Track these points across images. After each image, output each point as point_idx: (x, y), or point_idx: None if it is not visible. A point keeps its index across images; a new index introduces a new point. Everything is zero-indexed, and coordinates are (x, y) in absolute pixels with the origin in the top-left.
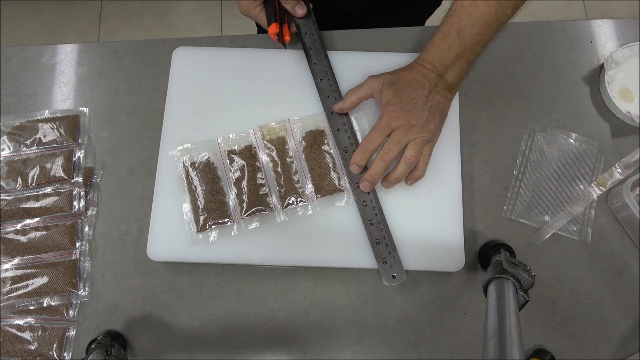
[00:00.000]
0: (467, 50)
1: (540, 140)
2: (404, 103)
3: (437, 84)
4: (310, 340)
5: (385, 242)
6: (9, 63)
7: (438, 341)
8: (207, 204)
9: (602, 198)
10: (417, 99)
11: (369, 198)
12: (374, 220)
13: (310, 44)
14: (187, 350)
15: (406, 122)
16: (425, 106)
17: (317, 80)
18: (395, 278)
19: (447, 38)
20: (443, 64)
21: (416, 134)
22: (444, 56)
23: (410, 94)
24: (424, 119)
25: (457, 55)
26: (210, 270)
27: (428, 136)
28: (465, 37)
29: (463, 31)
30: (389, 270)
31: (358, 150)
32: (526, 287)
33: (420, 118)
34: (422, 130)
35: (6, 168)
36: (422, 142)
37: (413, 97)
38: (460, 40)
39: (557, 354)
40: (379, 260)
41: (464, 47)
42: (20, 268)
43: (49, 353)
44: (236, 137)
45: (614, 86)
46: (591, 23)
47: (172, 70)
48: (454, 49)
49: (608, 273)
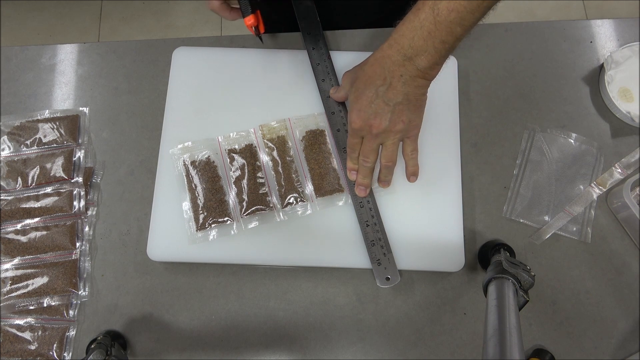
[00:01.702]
0: (442, 28)
1: (540, 140)
2: (363, 110)
3: (403, 73)
4: (310, 340)
5: (380, 243)
6: (9, 63)
7: (438, 341)
8: (207, 202)
9: (602, 198)
10: (377, 100)
11: (365, 199)
12: (370, 221)
13: (313, 45)
14: (187, 350)
15: (369, 132)
16: (387, 107)
17: (319, 80)
18: (389, 280)
19: (419, 13)
20: (413, 44)
21: (384, 138)
22: (415, 34)
23: (368, 97)
24: (387, 122)
25: (430, 32)
26: (210, 270)
27: (399, 136)
28: (441, 13)
29: (438, 5)
30: (383, 272)
31: (348, 159)
32: (526, 287)
33: (383, 123)
34: (390, 133)
35: (6, 168)
36: (393, 144)
37: (372, 100)
38: (435, 16)
39: (557, 354)
40: (374, 262)
41: (438, 24)
42: (21, 268)
43: (49, 353)
44: (236, 136)
45: (614, 86)
46: (591, 23)
47: (172, 70)
48: (427, 25)
49: (608, 273)
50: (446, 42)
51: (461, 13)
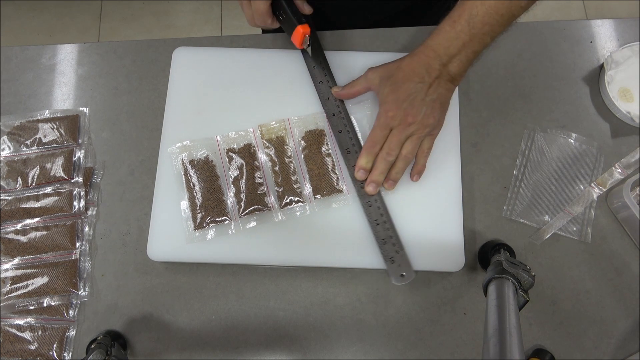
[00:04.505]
0: (476, 40)
1: (540, 140)
2: (400, 100)
3: (439, 75)
4: (310, 340)
5: (392, 241)
6: (9, 63)
7: (438, 341)
8: (204, 201)
9: (602, 198)
10: (416, 94)
11: (373, 198)
12: (379, 220)
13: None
14: (187, 350)
15: (403, 121)
16: (424, 101)
17: (317, 82)
18: (404, 277)
19: (456, 25)
20: (448, 52)
21: (414, 130)
22: (451, 44)
23: (407, 89)
24: (422, 115)
25: (464, 44)
26: (210, 270)
27: (427, 131)
28: (475, 26)
29: (474, 19)
30: (398, 269)
31: (362, 154)
32: (526, 287)
33: (418, 115)
34: (420, 126)
35: (6, 168)
36: (419, 138)
37: (410, 92)
38: (470, 29)
39: (557, 354)
40: (387, 260)
41: (473, 36)
42: (20, 268)
43: (49, 353)
44: (235, 136)
45: (614, 86)
46: (591, 23)
47: (172, 70)
48: (462, 37)
49: (608, 273)
50: (477, 52)
51: (493, 26)
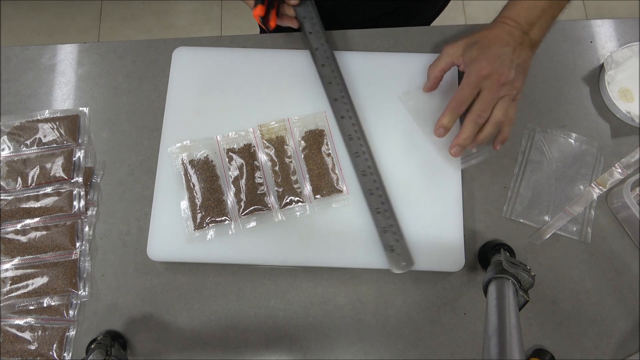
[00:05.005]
0: (554, 5)
1: (540, 140)
2: (491, 60)
3: (522, 42)
4: (310, 340)
5: (392, 230)
6: (9, 63)
7: (438, 341)
8: (204, 201)
9: (602, 198)
10: (504, 55)
11: (375, 186)
12: (380, 208)
13: (310, 28)
14: (187, 350)
15: (496, 80)
16: (513, 63)
17: (319, 66)
18: (404, 265)
19: None
20: (528, 20)
21: (505, 92)
22: (529, 13)
23: (496, 51)
24: (512, 76)
25: (543, 10)
26: (210, 270)
27: (514, 93)
28: None
29: None
30: (397, 257)
31: (446, 113)
32: (526, 287)
33: (509, 75)
34: (511, 88)
35: (6, 168)
36: (509, 100)
37: (500, 54)
38: None
39: (557, 354)
40: (387, 249)
41: (552, 2)
42: (20, 268)
43: (49, 353)
44: (235, 136)
45: (614, 86)
46: (591, 23)
47: (172, 70)
48: (540, 4)
49: (608, 273)
50: (555, 16)
51: None
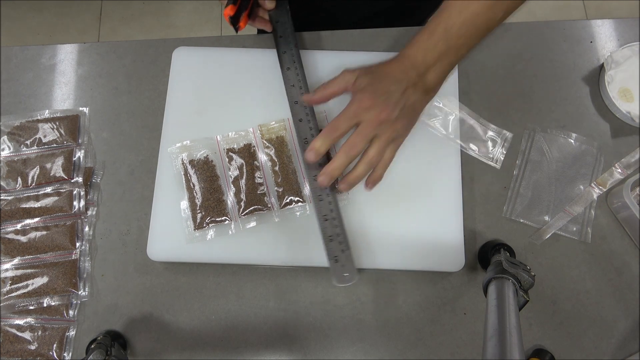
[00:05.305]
0: (452, 51)
1: (541, 140)
2: (378, 94)
3: (416, 83)
4: (310, 340)
5: (339, 239)
6: (9, 63)
7: (438, 341)
8: (204, 201)
9: (602, 198)
10: (392, 93)
11: (325, 192)
12: (328, 215)
13: (281, 32)
14: (187, 350)
15: (376, 116)
16: (399, 103)
17: (284, 69)
18: (346, 278)
19: (432, 36)
20: (425, 62)
21: (383, 130)
22: (427, 54)
23: (385, 87)
24: (394, 116)
25: (441, 54)
26: (210, 270)
27: (394, 135)
28: (452, 37)
29: (450, 30)
30: (341, 269)
31: (320, 135)
32: (526, 287)
33: (392, 114)
34: (390, 127)
35: (6, 168)
36: (386, 141)
37: (388, 90)
38: (447, 40)
39: (557, 354)
40: (331, 258)
41: (449, 47)
42: (20, 268)
43: (49, 353)
44: (235, 136)
45: (614, 86)
46: (591, 23)
47: (172, 70)
48: (439, 47)
49: (608, 273)
50: (453, 63)
51: (469, 38)
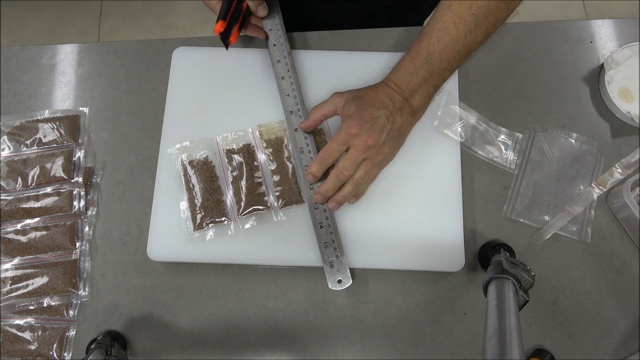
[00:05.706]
0: (435, 76)
1: (541, 140)
2: (364, 120)
3: (402, 107)
4: (310, 340)
5: (333, 245)
6: (9, 63)
7: (438, 341)
8: (204, 202)
9: (602, 198)
10: (378, 118)
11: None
12: (324, 223)
13: (274, 41)
14: (187, 350)
15: (363, 141)
16: (385, 128)
17: (279, 78)
18: (340, 282)
19: (415, 61)
20: (409, 87)
21: (371, 155)
22: (411, 79)
23: (372, 113)
24: (381, 141)
25: (424, 79)
26: (210, 270)
27: (380, 158)
28: (434, 62)
29: (431, 56)
30: (335, 274)
31: (315, 161)
32: (526, 287)
33: (378, 139)
34: (378, 151)
35: (6, 168)
36: (374, 164)
37: (374, 116)
38: (428, 65)
39: (557, 354)
40: (326, 264)
41: (432, 72)
42: (20, 268)
43: (49, 353)
44: (235, 136)
45: (614, 86)
46: (591, 23)
47: (172, 70)
48: (422, 73)
49: (608, 273)
50: (437, 86)
51: (451, 62)
